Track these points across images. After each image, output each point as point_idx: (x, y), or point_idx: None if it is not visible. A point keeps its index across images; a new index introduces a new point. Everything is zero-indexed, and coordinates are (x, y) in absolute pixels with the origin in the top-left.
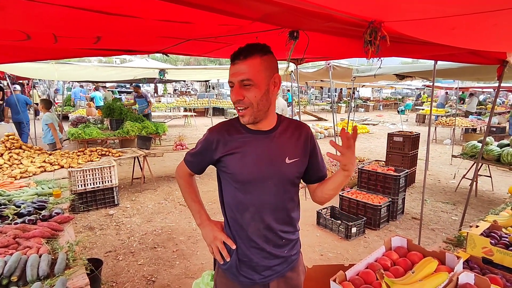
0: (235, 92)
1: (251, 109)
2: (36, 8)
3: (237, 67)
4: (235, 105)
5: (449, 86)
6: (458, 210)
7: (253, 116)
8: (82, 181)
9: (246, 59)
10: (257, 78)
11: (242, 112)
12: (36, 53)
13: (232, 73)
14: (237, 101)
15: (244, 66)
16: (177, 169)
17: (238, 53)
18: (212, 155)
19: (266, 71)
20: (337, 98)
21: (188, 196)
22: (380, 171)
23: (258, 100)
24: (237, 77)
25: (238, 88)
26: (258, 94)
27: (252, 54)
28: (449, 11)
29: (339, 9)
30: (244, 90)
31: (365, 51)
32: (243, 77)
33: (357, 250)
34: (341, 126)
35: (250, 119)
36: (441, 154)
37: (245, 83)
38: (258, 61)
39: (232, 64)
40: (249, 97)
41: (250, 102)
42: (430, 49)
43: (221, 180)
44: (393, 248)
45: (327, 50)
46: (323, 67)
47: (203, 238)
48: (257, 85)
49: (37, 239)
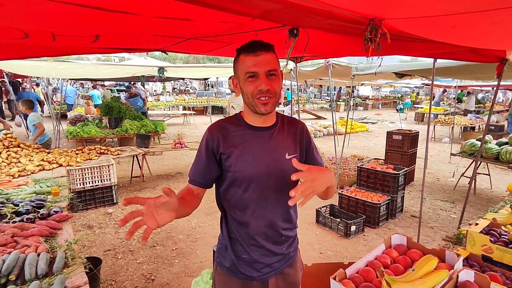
0: (265, 82)
1: (274, 98)
2: (34, 5)
3: (262, 58)
4: (259, 95)
5: (448, 84)
6: (457, 208)
7: (274, 105)
8: (81, 180)
9: (269, 51)
10: (279, 69)
11: (267, 100)
12: (34, 50)
13: (255, 63)
14: (267, 90)
15: (268, 56)
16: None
17: (258, 45)
18: (216, 153)
19: (279, 65)
20: (336, 97)
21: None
22: (379, 169)
23: (279, 91)
24: (264, 67)
25: (265, 77)
26: (280, 85)
27: (270, 49)
28: (449, 9)
29: (339, 6)
30: (270, 81)
31: (365, 48)
32: (271, 67)
33: (356, 248)
34: (340, 124)
35: (272, 108)
36: (440, 152)
37: (272, 72)
38: (275, 56)
39: (254, 55)
40: (274, 87)
41: (275, 91)
42: (430, 47)
43: (220, 178)
44: (393, 246)
45: (327, 48)
46: (323, 65)
47: None
48: (279, 76)
49: (36, 237)
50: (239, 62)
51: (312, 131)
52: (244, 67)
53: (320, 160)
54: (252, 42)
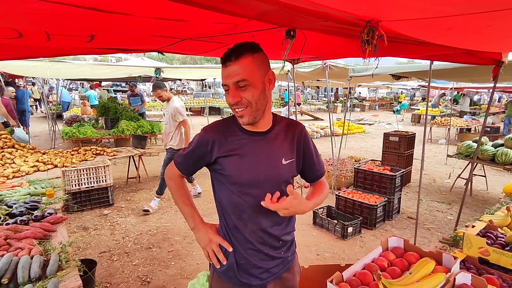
0: (232, 94)
1: (250, 109)
2: (26, 4)
3: (230, 68)
4: (232, 107)
5: (444, 86)
6: (453, 209)
7: (252, 116)
8: (76, 181)
9: (238, 59)
10: (252, 77)
11: (240, 112)
12: (29, 50)
13: (226, 76)
14: (235, 103)
15: (236, 66)
16: (166, 171)
17: (228, 55)
18: (206, 157)
19: (259, 69)
20: (333, 98)
21: (179, 199)
22: (376, 171)
23: (256, 99)
24: (231, 79)
25: (234, 90)
26: (255, 93)
27: (243, 54)
28: (446, 11)
29: (336, 8)
30: (240, 91)
31: (362, 50)
32: (238, 78)
33: (353, 250)
34: (337, 125)
35: (249, 119)
36: (436, 154)
37: (241, 84)
38: (250, 60)
39: (224, 67)
40: (246, 97)
41: (248, 101)
42: (426, 49)
43: (216, 182)
44: (390, 248)
45: (324, 49)
46: (320, 67)
47: (198, 241)
48: (253, 84)
49: (29, 240)
50: None
51: (309, 132)
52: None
53: (320, 164)
54: (229, 50)
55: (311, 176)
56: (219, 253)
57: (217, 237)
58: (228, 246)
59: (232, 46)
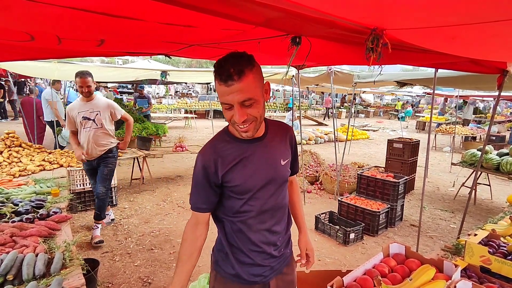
0: (240, 114)
1: (255, 123)
2: (39, 9)
3: (233, 88)
4: (236, 125)
5: (449, 94)
6: (456, 218)
7: (256, 129)
8: (81, 181)
9: (241, 78)
10: (255, 94)
11: (246, 128)
12: (39, 52)
13: (228, 95)
14: (242, 122)
15: (240, 85)
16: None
17: (229, 74)
18: (215, 177)
19: (259, 84)
20: (340, 103)
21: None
22: (379, 177)
23: (260, 114)
24: (236, 98)
25: (240, 109)
26: (260, 109)
27: (244, 71)
28: (449, 20)
29: (341, 16)
30: (246, 109)
31: (366, 58)
32: (245, 97)
33: (354, 256)
34: (341, 131)
35: (253, 133)
36: (441, 161)
37: (247, 103)
38: (252, 77)
39: (225, 85)
40: (252, 113)
41: (254, 117)
42: (431, 57)
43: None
44: (391, 254)
45: (328, 56)
46: (324, 73)
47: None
48: (257, 101)
49: (34, 238)
50: (216, 86)
51: (313, 138)
52: (219, 95)
53: (297, 162)
54: (224, 68)
55: (295, 168)
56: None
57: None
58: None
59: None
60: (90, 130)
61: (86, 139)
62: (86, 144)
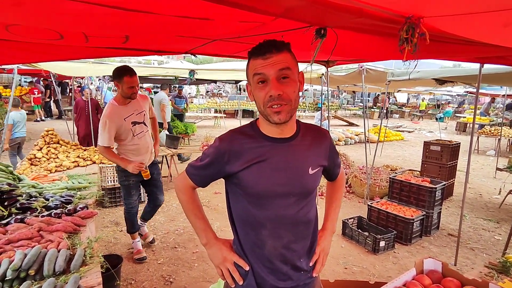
0: (275, 86)
1: (289, 106)
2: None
3: (272, 59)
4: (270, 103)
5: (495, 93)
6: (502, 229)
7: (290, 114)
8: (112, 177)
9: (280, 51)
10: (293, 69)
11: (279, 108)
12: (70, 51)
13: (265, 65)
14: (277, 96)
15: (280, 57)
16: (176, 181)
17: (267, 46)
18: (223, 169)
19: (295, 65)
20: (372, 103)
21: (191, 212)
22: (414, 182)
23: (295, 96)
24: (274, 68)
25: (276, 81)
26: (295, 89)
27: (283, 49)
28: (502, 3)
29: (371, 3)
30: (281, 85)
31: (400, 50)
32: (283, 65)
33: (385, 266)
34: (373, 132)
35: (287, 117)
36: (484, 166)
37: (284, 73)
38: (289, 55)
39: (262, 58)
40: (287, 91)
41: (289, 98)
42: (476, 50)
43: (231, 194)
44: (425, 271)
45: (358, 50)
46: (356, 70)
47: (210, 259)
48: (293, 79)
49: (60, 233)
50: (249, 67)
51: (343, 138)
52: (253, 71)
53: (339, 160)
54: (262, 43)
55: (333, 175)
56: (235, 272)
57: (233, 255)
58: (245, 264)
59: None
60: (143, 135)
61: (144, 147)
62: (144, 153)
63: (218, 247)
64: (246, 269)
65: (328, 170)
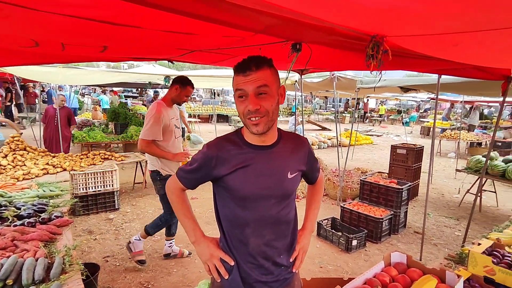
0: (253, 102)
1: (267, 118)
2: (44, 18)
3: (251, 76)
4: (249, 116)
5: (454, 99)
6: (461, 225)
7: (267, 125)
8: (84, 185)
9: (259, 69)
10: (271, 86)
11: (257, 121)
12: (43, 57)
13: (245, 82)
14: (255, 111)
15: (258, 74)
16: (168, 183)
17: (248, 64)
18: (210, 172)
19: (275, 81)
20: (343, 108)
21: (180, 212)
22: (382, 184)
23: (273, 109)
24: (252, 85)
25: (254, 97)
26: (273, 103)
27: (263, 65)
28: (452, 27)
29: (341, 24)
30: (259, 99)
31: (367, 64)
32: (260, 83)
33: (357, 263)
34: (344, 136)
35: (264, 128)
36: (446, 167)
37: (262, 90)
38: (269, 71)
39: (243, 75)
40: (265, 105)
41: (266, 110)
42: (433, 64)
43: (218, 196)
44: (392, 263)
45: (329, 62)
46: (328, 78)
47: (198, 255)
48: (271, 94)
49: (35, 242)
50: (233, 81)
51: (316, 142)
52: (235, 85)
53: (317, 165)
54: (245, 59)
55: (313, 179)
56: (221, 268)
57: (219, 252)
58: (230, 260)
59: (246, 57)
60: (180, 140)
61: (179, 150)
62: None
63: (205, 245)
64: (231, 264)
65: (307, 174)
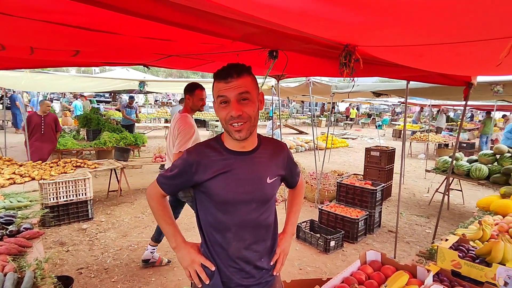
0: (235, 107)
1: (249, 123)
2: (13, 22)
3: (232, 83)
4: (231, 122)
5: (422, 103)
6: (431, 223)
7: (249, 131)
8: (54, 194)
9: (240, 76)
10: (252, 92)
11: (240, 126)
12: (9, 61)
13: (226, 89)
14: (237, 116)
15: (239, 81)
16: (148, 190)
17: (229, 71)
18: (190, 178)
19: (255, 87)
20: (319, 112)
21: (161, 218)
22: (357, 185)
23: (254, 115)
24: (234, 92)
25: (236, 103)
26: (254, 109)
27: (243, 73)
28: (417, 41)
29: (315, 34)
30: (241, 105)
31: (340, 72)
32: (242, 90)
33: (335, 264)
34: (321, 139)
35: (246, 134)
36: (416, 168)
37: (244, 96)
38: (250, 78)
39: (224, 82)
40: (247, 111)
41: (248, 116)
42: (402, 71)
43: (199, 201)
44: (368, 262)
45: (305, 69)
46: (304, 83)
47: (179, 261)
48: (252, 100)
49: (3, 256)
50: (214, 88)
51: (294, 146)
52: (216, 93)
53: (297, 169)
54: (225, 67)
55: (293, 183)
56: (202, 273)
57: (200, 257)
58: (211, 265)
59: (226, 64)
60: None
61: None
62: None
63: (186, 251)
64: (212, 269)
65: (287, 178)
